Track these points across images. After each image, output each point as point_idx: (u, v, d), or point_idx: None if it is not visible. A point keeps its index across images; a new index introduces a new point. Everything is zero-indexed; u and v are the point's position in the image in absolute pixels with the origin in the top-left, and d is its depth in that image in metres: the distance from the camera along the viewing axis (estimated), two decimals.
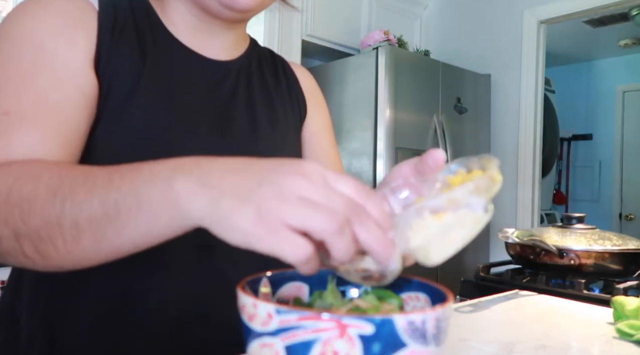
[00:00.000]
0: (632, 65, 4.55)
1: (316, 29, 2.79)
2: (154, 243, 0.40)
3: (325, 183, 0.35)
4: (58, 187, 0.41)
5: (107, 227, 0.39)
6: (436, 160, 0.44)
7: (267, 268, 0.62)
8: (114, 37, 0.60)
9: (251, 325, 0.33)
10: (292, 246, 0.33)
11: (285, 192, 0.33)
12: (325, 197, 0.34)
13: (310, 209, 0.33)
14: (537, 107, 2.95)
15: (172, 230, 0.38)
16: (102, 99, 0.58)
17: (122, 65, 0.60)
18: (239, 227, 0.34)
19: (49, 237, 0.41)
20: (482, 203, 0.38)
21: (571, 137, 4.85)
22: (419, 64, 2.69)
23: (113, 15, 0.61)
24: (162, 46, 0.65)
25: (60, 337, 0.58)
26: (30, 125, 0.51)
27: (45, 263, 0.43)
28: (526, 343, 0.62)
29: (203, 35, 0.68)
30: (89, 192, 0.40)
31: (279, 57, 0.83)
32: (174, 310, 0.60)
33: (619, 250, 1.26)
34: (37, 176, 0.44)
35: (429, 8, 3.43)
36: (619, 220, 4.59)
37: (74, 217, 0.40)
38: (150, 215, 0.37)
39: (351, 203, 0.34)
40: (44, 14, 0.56)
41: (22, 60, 0.54)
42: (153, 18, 0.66)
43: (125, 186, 0.38)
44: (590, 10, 2.79)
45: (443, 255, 0.38)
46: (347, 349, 0.30)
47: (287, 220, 0.33)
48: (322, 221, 0.32)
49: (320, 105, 0.85)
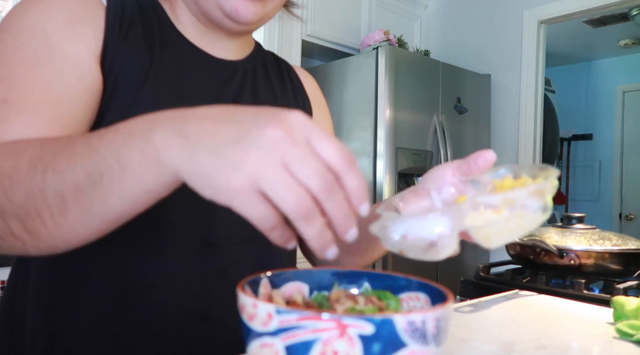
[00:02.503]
0: (632, 65, 4.55)
1: (316, 29, 2.79)
2: (142, 206, 0.38)
3: (307, 142, 0.33)
4: (39, 159, 0.40)
5: (92, 194, 0.37)
6: (487, 160, 0.46)
7: (268, 267, 0.63)
8: (121, 33, 0.60)
9: (251, 325, 0.33)
10: (259, 214, 0.33)
11: (266, 150, 0.32)
12: (303, 163, 0.32)
13: (283, 183, 0.32)
14: (537, 107, 2.95)
15: (158, 189, 0.37)
16: (109, 95, 0.58)
17: (129, 62, 0.60)
18: (212, 183, 0.33)
19: (35, 211, 0.39)
20: (539, 204, 0.39)
21: (571, 137, 4.85)
22: (419, 64, 2.69)
23: (120, 11, 0.61)
24: (169, 43, 0.65)
25: (62, 334, 0.58)
26: (29, 113, 0.51)
27: (35, 242, 0.41)
28: (526, 343, 0.62)
29: (209, 38, 0.69)
30: (70, 159, 0.38)
31: (284, 61, 0.84)
32: (175, 308, 0.60)
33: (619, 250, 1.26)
34: (19, 151, 0.42)
35: (429, 8, 3.43)
36: (619, 220, 4.59)
37: (57, 187, 0.38)
38: (133, 174, 0.36)
39: (327, 174, 0.33)
40: (49, 7, 0.57)
41: (25, 51, 0.54)
42: (161, 15, 0.66)
43: (104, 148, 0.37)
44: (590, 10, 2.79)
45: (503, 240, 0.40)
46: (347, 349, 0.30)
47: (260, 186, 0.32)
48: (291, 203, 0.32)
49: (323, 110, 0.85)
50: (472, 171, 0.47)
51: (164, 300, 0.59)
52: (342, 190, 0.34)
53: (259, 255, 0.67)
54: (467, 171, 0.48)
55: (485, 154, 0.45)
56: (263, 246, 0.67)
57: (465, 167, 0.48)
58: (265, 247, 0.67)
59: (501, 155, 3.02)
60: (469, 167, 0.47)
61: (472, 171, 0.47)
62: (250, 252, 0.66)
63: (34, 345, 0.59)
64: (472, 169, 0.47)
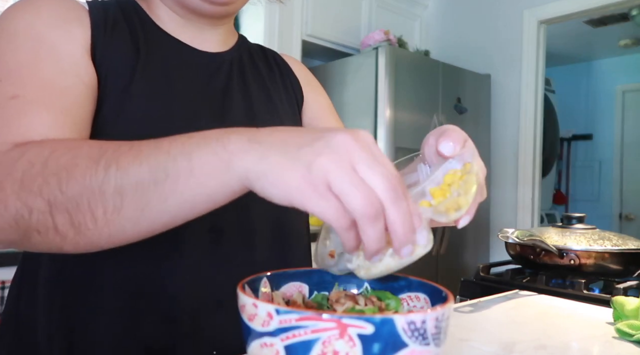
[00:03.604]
0: (632, 65, 4.55)
1: (316, 29, 2.79)
2: (196, 212, 0.39)
3: (373, 154, 0.34)
4: (101, 155, 0.40)
5: (152, 193, 0.38)
6: (443, 154, 0.46)
7: (281, 255, 0.63)
8: (107, 32, 0.61)
9: (251, 325, 0.33)
10: (334, 210, 0.33)
11: (337, 153, 0.33)
12: (372, 166, 0.33)
13: (355, 182, 0.33)
14: (537, 107, 2.95)
15: (220, 195, 0.37)
16: (101, 90, 0.59)
17: (117, 59, 0.61)
18: (283, 181, 0.33)
19: (89, 206, 0.39)
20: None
21: (571, 137, 4.85)
22: (419, 64, 2.69)
23: (103, 13, 0.63)
24: (154, 39, 0.66)
25: (79, 333, 0.58)
26: (41, 108, 0.51)
27: (77, 238, 0.41)
28: (526, 343, 0.62)
29: (191, 31, 0.70)
30: (136, 157, 0.39)
31: (269, 50, 0.85)
32: (190, 297, 0.60)
33: (619, 250, 1.26)
34: (76, 147, 0.43)
35: (429, 8, 3.43)
36: (619, 220, 4.59)
37: (119, 183, 0.39)
38: (200, 177, 0.37)
39: (395, 181, 0.34)
40: (39, 10, 0.57)
41: (22, 51, 0.54)
42: (142, 15, 0.68)
43: (176, 150, 0.38)
44: (590, 10, 2.79)
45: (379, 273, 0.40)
46: (347, 349, 0.30)
47: (332, 183, 0.33)
48: (360, 203, 0.32)
49: (316, 89, 0.85)
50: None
51: (178, 290, 0.59)
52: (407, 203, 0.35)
53: (273, 241, 0.67)
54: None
55: (445, 147, 0.46)
56: (276, 233, 0.67)
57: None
58: (279, 234, 0.68)
59: (501, 155, 3.02)
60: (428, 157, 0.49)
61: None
62: (264, 239, 0.66)
63: (52, 348, 0.58)
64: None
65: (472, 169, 0.43)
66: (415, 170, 0.51)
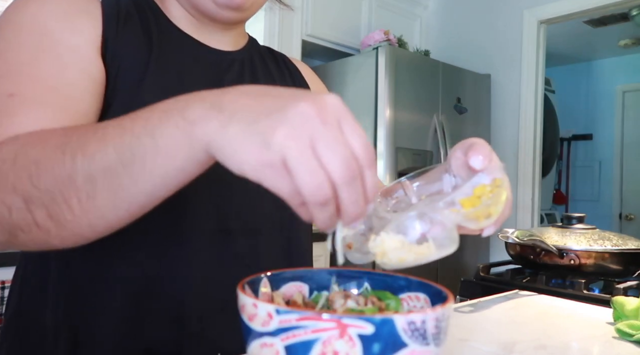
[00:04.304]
0: (632, 65, 4.55)
1: (316, 29, 2.79)
2: (172, 187, 0.38)
3: (338, 127, 0.33)
4: (66, 144, 0.40)
5: (122, 175, 0.37)
6: (474, 168, 0.46)
7: (287, 254, 0.63)
8: (119, 25, 0.61)
9: (251, 325, 0.33)
10: (289, 189, 0.32)
11: (296, 127, 0.32)
12: (330, 146, 0.32)
13: (306, 165, 0.31)
14: (537, 107, 2.95)
15: (190, 166, 0.37)
16: (112, 85, 0.59)
17: (130, 53, 0.60)
18: (239, 157, 0.33)
19: (63, 197, 0.39)
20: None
21: (571, 137, 4.85)
22: (419, 64, 2.69)
23: (116, 6, 0.63)
24: (166, 34, 0.66)
25: (85, 332, 0.58)
26: (38, 106, 0.51)
27: (60, 231, 0.41)
28: (526, 343, 0.62)
29: (203, 32, 0.70)
30: (101, 141, 0.38)
31: (279, 52, 0.85)
32: (196, 297, 0.60)
33: (619, 250, 1.26)
34: (43, 139, 0.42)
35: (429, 8, 3.43)
36: (619, 220, 4.58)
37: (87, 171, 0.38)
38: (167, 153, 0.36)
39: (352, 163, 0.33)
40: (46, 2, 0.57)
41: (26, 45, 0.54)
42: (155, 10, 0.68)
43: (138, 128, 0.37)
44: (590, 10, 2.79)
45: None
46: (347, 349, 0.30)
47: (287, 161, 0.32)
48: (309, 188, 0.32)
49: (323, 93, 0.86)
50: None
51: (184, 290, 0.59)
52: (361, 183, 0.34)
53: (279, 241, 0.67)
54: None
55: (474, 161, 0.46)
56: (282, 233, 0.67)
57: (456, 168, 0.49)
58: (285, 234, 0.68)
59: (501, 155, 3.01)
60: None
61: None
62: (270, 239, 0.66)
63: (58, 346, 0.58)
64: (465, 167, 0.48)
65: (502, 184, 0.44)
66: (439, 179, 0.51)
